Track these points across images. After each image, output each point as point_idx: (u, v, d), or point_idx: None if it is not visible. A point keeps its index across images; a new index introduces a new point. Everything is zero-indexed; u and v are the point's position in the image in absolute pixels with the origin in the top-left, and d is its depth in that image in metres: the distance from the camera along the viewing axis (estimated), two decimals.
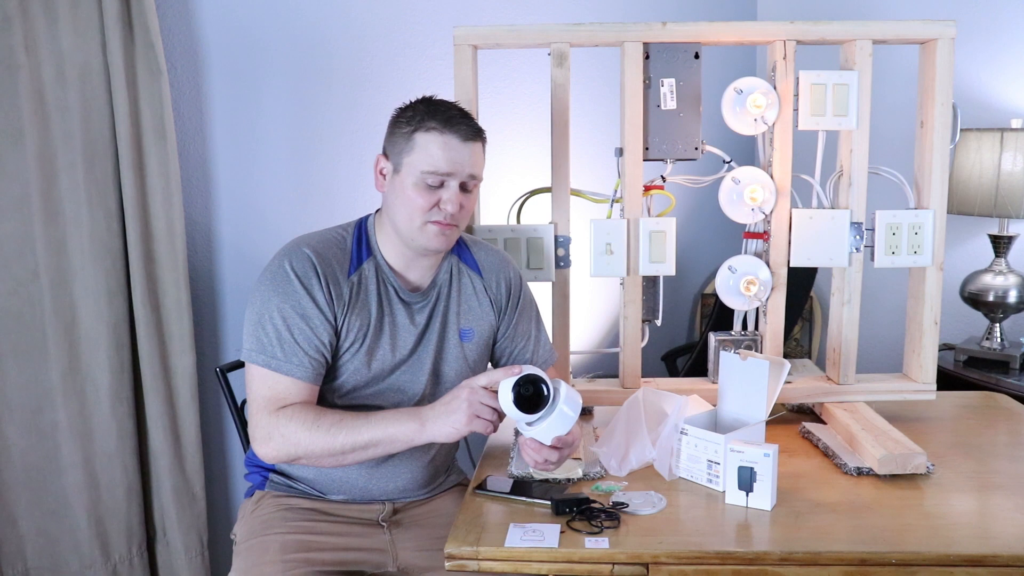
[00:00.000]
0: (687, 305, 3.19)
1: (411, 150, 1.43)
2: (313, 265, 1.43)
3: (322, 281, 1.43)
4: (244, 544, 1.52)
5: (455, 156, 1.42)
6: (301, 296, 1.42)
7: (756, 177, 1.74)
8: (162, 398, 2.07)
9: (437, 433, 1.37)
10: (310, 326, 1.42)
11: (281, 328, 1.41)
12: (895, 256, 1.77)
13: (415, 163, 1.42)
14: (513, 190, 1.89)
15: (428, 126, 1.42)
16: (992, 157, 2.27)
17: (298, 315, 1.42)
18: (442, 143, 1.42)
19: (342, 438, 1.37)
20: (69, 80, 1.90)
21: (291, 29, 2.23)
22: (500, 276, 1.61)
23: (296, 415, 1.39)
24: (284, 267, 1.43)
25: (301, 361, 1.41)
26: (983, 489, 1.48)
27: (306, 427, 1.38)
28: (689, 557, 1.27)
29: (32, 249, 1.92)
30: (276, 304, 1.42)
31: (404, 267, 1.52)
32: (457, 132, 1.42)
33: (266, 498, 1.58)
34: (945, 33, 1.71)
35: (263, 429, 1.40)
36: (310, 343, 1.42)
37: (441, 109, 1.44)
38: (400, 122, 1.45)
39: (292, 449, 1.39)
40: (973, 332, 2.55)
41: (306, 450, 1.39)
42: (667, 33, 1.72)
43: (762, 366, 1.55)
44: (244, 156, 2.23)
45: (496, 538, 1.31)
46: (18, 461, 1.98)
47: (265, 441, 1.40)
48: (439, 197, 1.44)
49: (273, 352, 1.41)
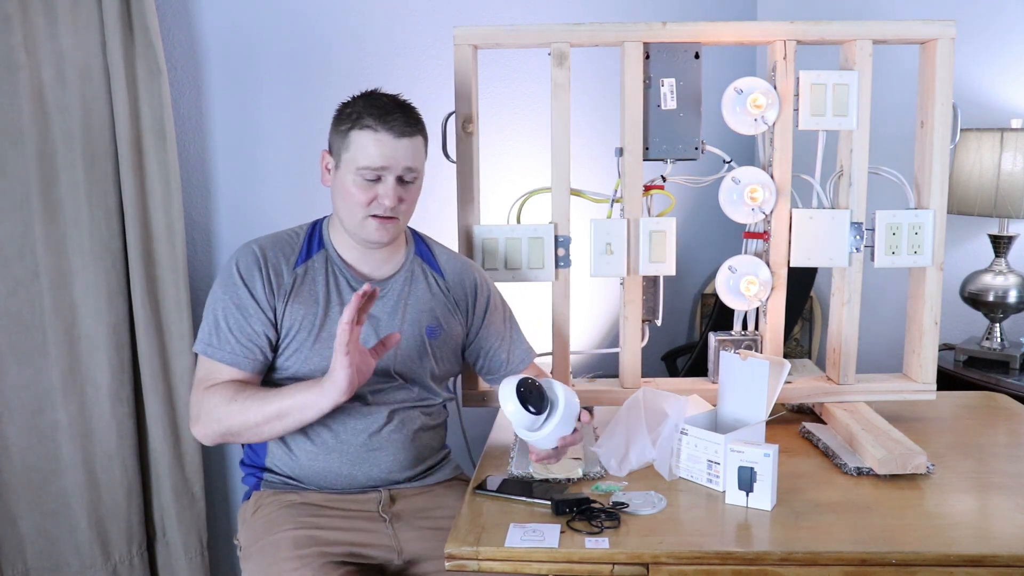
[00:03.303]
0: (687, 305, 3.19)
1: (347, 147, 1.48)
2: (257, 259, 1.51)
3: (263, 273, 1.51)
4: (253, 547, 1.51)
5: (388, 151, 1.47)
6: (239, 288, 1.50)
7: (756, 177, 1.74)
8: (162, 398, 2.07)
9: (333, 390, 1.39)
10: (244, 315, 1.49)
11: (220, 318, 1.50)
12: (895, 256, 1.77)
13: (351, 160, 1.48)
14: (513, 190, 1.89)
15: (363, 124, 1.46)
16: (992, 157, 2.27)
17: (234, 306, 1.49)
18: (375, 139, 1.46)
19: (255, 410, 1.43)
20: (69, 80, 1.90)
21: (291, 29, 2.23)
22: (464, 277, 1.65)
23: (216, 392, 1.46)
24: (232, 264, 1.52)
25: (233, 349, 1.49)
26: (983, 489, 1.48)
27: (224, 402, 1.45)
28: (689, 557, 1.27)
29: (32, 249, 1.92)
30: (219, 296, 1.51)
31: (356, 260, 1.57)
32: (391, 128, 1.46)
33: (264, 498, 1.58)
34: (945, 33, 1.71)
35: (194, 408, 1.49)
36: (243, 332, 1.49)
37: (378, 104, 1.48)
38: (341, 118, 1.50)
39: (216, 426, 1.46)
40: (973, 332, 2.55)
41: (227, 426, 1.45)
42: (667, 33, 1.72)
43: (762, 366, 1.55)
44: (244, 156, 2.23)
45: (496, 538, 1.31)
46: (18, 461, 1.98)
47: (195, 421, 1.49)
48: (376, 192, 1.48)
49: (210, 340, 1.50)
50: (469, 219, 1.80)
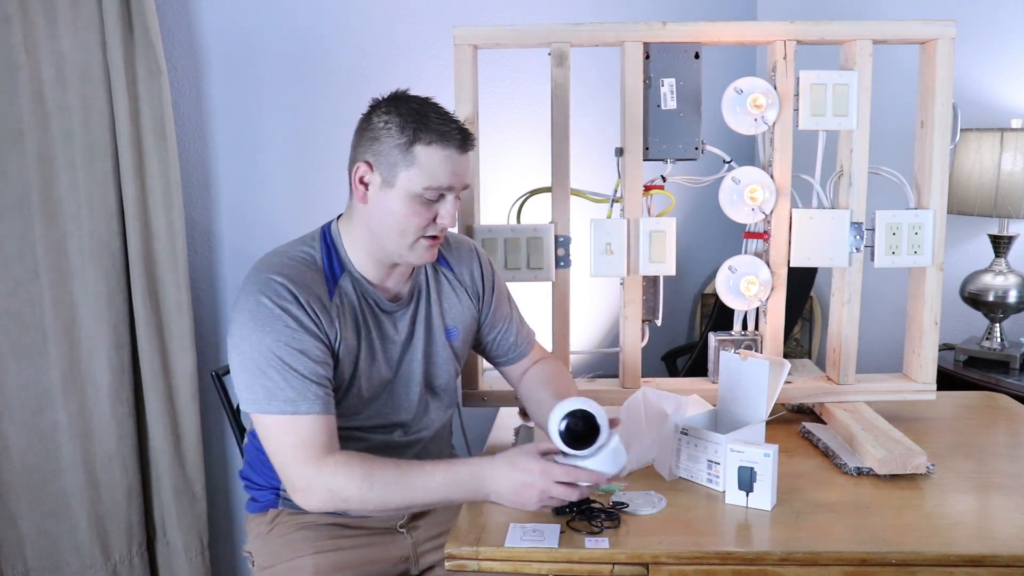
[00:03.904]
0: (687, 305, 3.19)
1: (410, 164, 1.32)
2: (291, 293, 1.33)
3: (306, 308, 1.33)
4: (271, 569, 1.48)
5: (457, 168, 1.35)
6: (291, 330, 1.31)
7: (756, 177, 1.74)
8: (162, 398, 2.07)
9: (503, 503, 1.30)
10: (310, 357, 1.32)
11: (283, 368, 1.30)
12: (895, 256, 1.77)
13: (415, 178, 1.33)
14: (513, 190, 1.89)
15: (426, 138, 1.32)
16: (992, 157, 2.27)
17: (295, 350, 1.31)
18: (444, 157, 1.33)
19: (400, 497, 1.29)
20: (69, 80, 1.90)
21: (291, 29, 2.23)
22: (472, 263, 1.58)
23: (342, 468, 1.29)
24: (263, 303, 1.32)
25: (316, 394, 1.32)
26: (983, 489, 1.48)
27: (356, 482, 1.28)
28: (689, 557, 1.27)
29: (32, 249, 1.92)
30: (268, 345, 1.31)
31: (380, 278, 1.44)
32: (455, 143, 1.34)
33: (282, 516, 1.51)
34: (945, 33, 1.71)
35: (303, 480, 1.30)
36: (315, 374, 1.32)
37: (433, 116, 1.34)
38: (387, 129, 1.33)
39: (340, 504, 1.30)
40: (973, 332, 2.55)
41: (357, 505, 1.30)
42: (667, 33, 1.72)
43: (762, 366, 1.55)
44: (244, 156, 2.23)
45: (496, 538, 1.31)
46: (18, 461, 1.98)
47: (306, 492, 1.30)
48: (436, 212, 1.36)
49: (284, 395, 1.30)
50: (469, 219, 1.80)
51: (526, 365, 1.65)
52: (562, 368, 1.67)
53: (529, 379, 1.62)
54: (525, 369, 1.64)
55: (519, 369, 1.65)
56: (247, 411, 1.34)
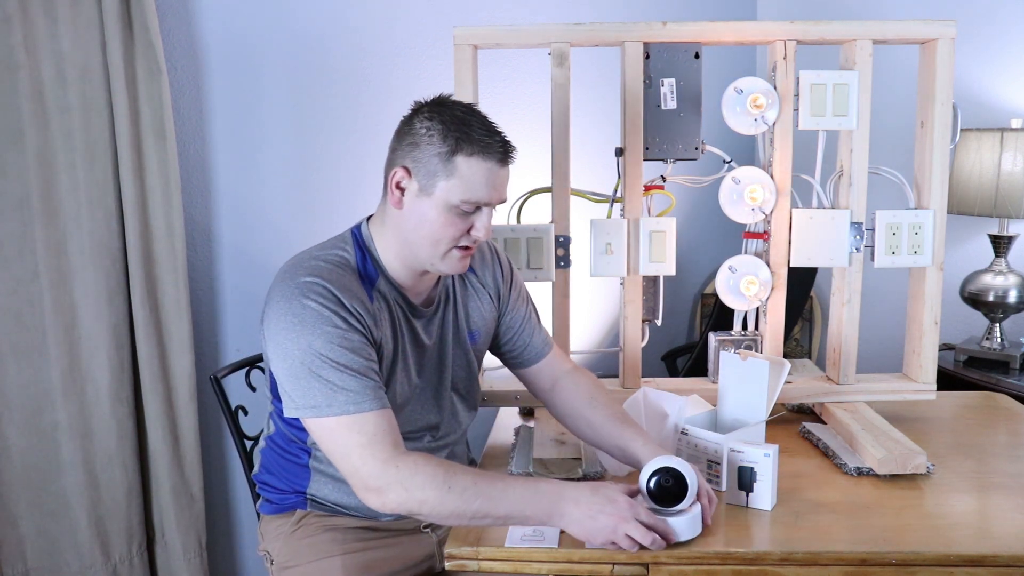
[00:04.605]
0: (687, 305, 3.19)
1: (450, 175, 1.29)
2: (333, 295, 1.29)
3: (350, 309, 1.30)
4: (294, 568, 1.47)
5: (498, 182, 1.33)
6: (340, 329, 1.28)
7: (756, 177, 1.74)
8: (161, 398, 2.07)
9: (571, 529, 1.26)
10: (362, 356, 1.29)
11: (338, 368, 1.27)
12: (895, 256, 1.77)
13: (454, 190, 1.30)
14: (513, 190, 1.88)
15: (468, 149, 1.29)
16: (992, 157, 2.27)
17: (347, 349, 1.27)
18: (486, 170, 1.30)
19: (476, 505, 1.25)
20: (69, 80, 1.90)
21: (291, 29, 2.23)
22: (494, 264, 1.57)
23: (421, 467, 1.25)
24: (308, 305, 1.27)
25: (376, 390, 1.29)
26: (983, 489, 1.48)
27: (435, 485, 1.24)
28: (689, 557, 1.27)
29: (32, 249, 1.92)
30: (319, 347, 1.26)
31: (411, 283, 1.42)
32: (497, 156, 1.31)
33: (308, 517, 1.49)
34: (945, 33, 1.71)
35: (376, 479, 1.25)
36: (371, 370, 1.30)
37: (476, 126, 1.31)
38: (428, 136, 1.30)
39: (415, 506, 1.25)
40: (973, 332, 2.55)
41: (431, 509, 1.25)
42: (667, 33, 1.72)
43: (762, 366, 1.55)
44: (244, 156, 2.23)
45: (496, 538, 1.31)
46: (18, 461, 1.98)
47: (380, 492, 1.25)
48: (471, 224, 1.34)
49: (345, 395, 1.26)
50: None
51: (550, 372, 1.59)
52: (602, 385, 1.60)
53: (567, 394, 1.56)
54: (555, 379, 1.58)
55: (545, 377, 1.59)
56: (302, 418, 1.29)
